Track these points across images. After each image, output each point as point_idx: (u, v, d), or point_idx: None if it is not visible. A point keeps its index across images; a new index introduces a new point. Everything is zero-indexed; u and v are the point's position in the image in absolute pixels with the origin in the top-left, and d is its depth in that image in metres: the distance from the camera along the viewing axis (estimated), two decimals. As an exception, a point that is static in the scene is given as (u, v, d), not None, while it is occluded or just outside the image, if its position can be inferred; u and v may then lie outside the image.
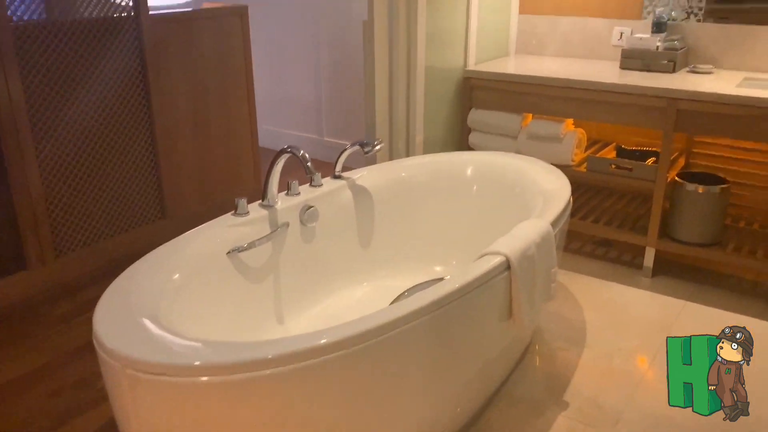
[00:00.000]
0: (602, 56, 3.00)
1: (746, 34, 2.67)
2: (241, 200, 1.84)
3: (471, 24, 2.89)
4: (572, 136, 2.71)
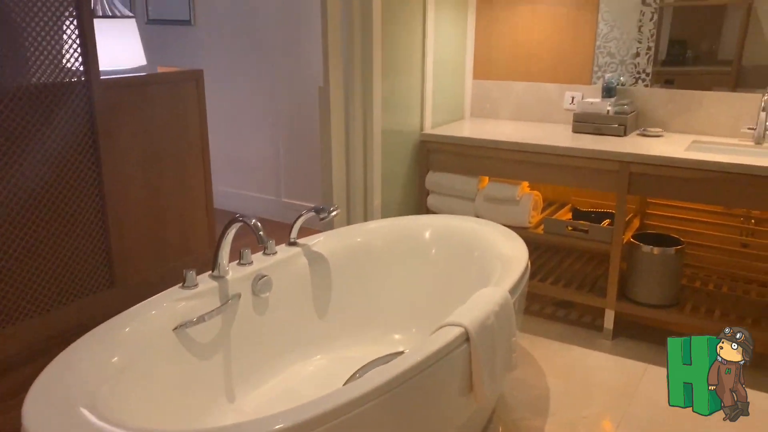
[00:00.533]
0: (555, 120, 3.07)
1: (691, 99, 2.77)
2: (189, 272, 1.77)
3: (426, 88, 2.93)
4: (528, 199, 2.72)
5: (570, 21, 2.97)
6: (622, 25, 2.87)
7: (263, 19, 3.90)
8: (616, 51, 2.91)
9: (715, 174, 2.29)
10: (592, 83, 2.98)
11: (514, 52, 3.13)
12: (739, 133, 2.66)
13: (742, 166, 2.24)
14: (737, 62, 2.74)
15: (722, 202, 2.36)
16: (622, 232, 2.53)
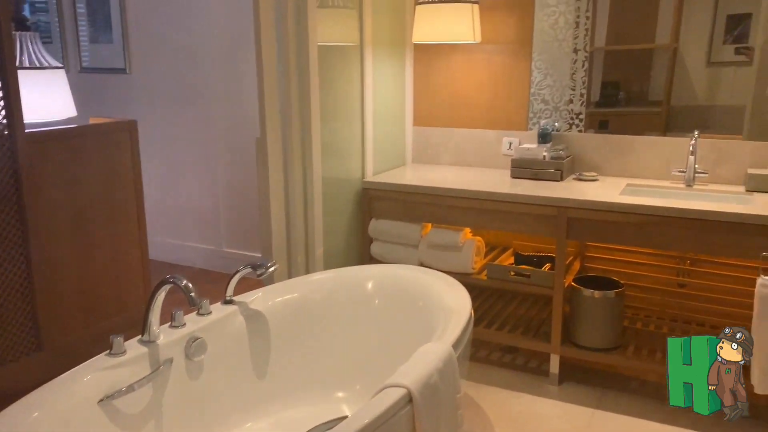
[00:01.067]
0: (494, 165, 3.10)
1: (624, 144, 2.85)
2: (116, 338, 1.67)
3: (367, 135, 2.93)
4: (471, 245, 2.72)
5: (505, 69, 3.03)
6: (554, 73, 2.95)
7: (201, 67, 3.86)
8: (550, 98, 2.98)
9: (650, 218, 2.34)
10: (529, 129, 3.03)
11: (453, 100, 3.17)
12: (671, 175, 2.74)
13: (675, 209, 2.30)
14: (666, 103, 2.84)
15: (657, 245, 2.41)
16: (563, 277, 2.55)
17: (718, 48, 2.71)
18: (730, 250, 2.28)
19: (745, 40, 2.66)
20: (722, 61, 2.72)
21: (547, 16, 2.91)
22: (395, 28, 3.08)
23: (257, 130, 2.55)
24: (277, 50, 2.47)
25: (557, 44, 2.92)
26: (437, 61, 3.17)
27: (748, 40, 2.66)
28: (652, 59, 2.86)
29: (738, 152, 2.66)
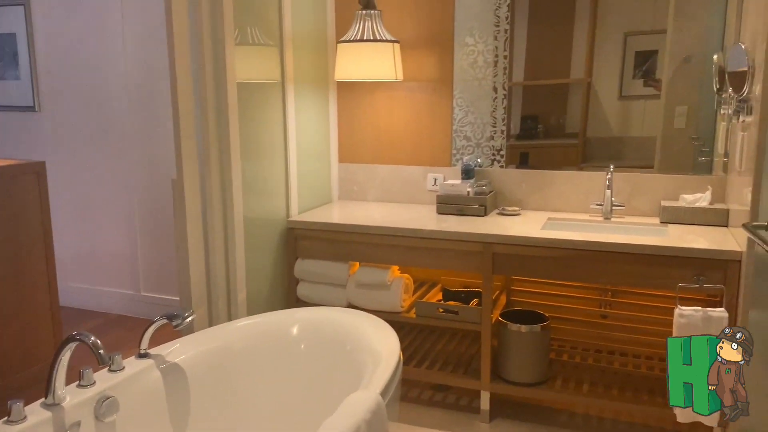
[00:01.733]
0: (420, 200, 3.11)
1: (544, 178, 2.91)
2: (15, 404, 1.52)
3: (291, 173, 2.87)
4: (399, 283, 2.69)
5: (428, 106, 3.06)
6: (475, 110, 3.00)
7: (116, 104, 3.71)
8: (472, 134, 3.03)
9: (570, 251, 2.38)
10: (453, 165, 3.06)
11: (378, 136, 3.17)
12: (589, 209, 2.82)
13: (594, 243, 2.36)
14: (582, 135, 2.94)
15: (579, 279, 2.46)
16: (491, 312, 2.55)
17: (629, 82, 2.83)
18: (648, 282, 2.34)
19: (652, 74, 2.80)
20: (633, 94, 2.84)
21: (467, 56, 2.97)
22: (317, 66, 3.06)
23: (171, 173, 2.45)
24: (193, 88, 2.39)
25: (477, 82, 2.98)
26: (361, 98, 3.17)
27: (655, 74, 2.80)
28: (567, 93, 2.96)
29: (651, 185, 2.76)
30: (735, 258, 2.18)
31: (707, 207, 2.59)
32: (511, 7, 2.88)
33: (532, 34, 2.94)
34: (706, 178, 2.70)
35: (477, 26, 2.94)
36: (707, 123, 2.74)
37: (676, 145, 2.82)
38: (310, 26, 2.97)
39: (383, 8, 2.92)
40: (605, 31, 2.84)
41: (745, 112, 2.22)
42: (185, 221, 2.39)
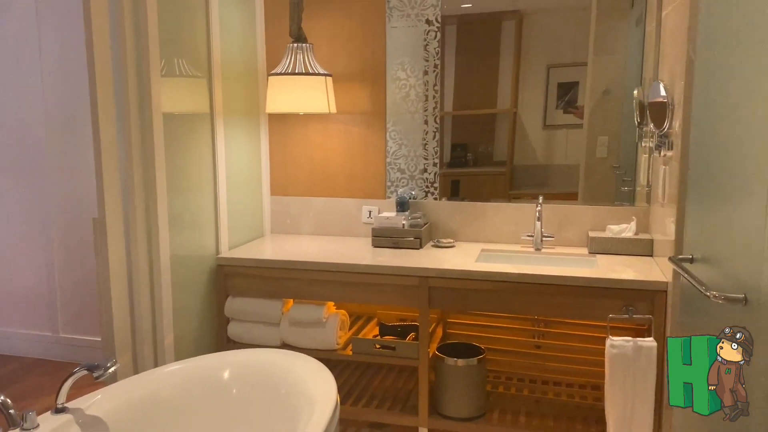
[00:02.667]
0: (356, 233, 3.08)
1: (476, 210, 2.94)
2: None
3: (220, 207, 2.78)
4: (335, 319, 2.64)
5: (362, 138, 3.05)
6: (408, 143, 3.01)
7: (34, 137, 3.52)
8: (406, 167, 3.03)
9: (504, 284, 2.40)
10: (387, 197, 3.05)
11: (311, 168, 3.13)
12: (521, 240, 2.86)
13: (527, 275, 2.38)
14: (510, 163, 3.00)
15: (512, 310, 2.47)
16: (428, 347, 2.53)
17: (552, 112, 2.92)
18: (580, 313, 2.38)
19: (574, 105, 2.89)
20: (556, 124, 2.93)
21: (399, 89, 2.99)
22: (248, 98, 3.00)
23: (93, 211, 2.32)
24: (116, 120, 2.28)
25: (410, 116, 2.99)
26: (293, 130, 3.13)
27: (576, 105, 2.90)
28: (495, 123, 3.02)
29: (579, 216, 2.84)
30: (661, 288, 2.25)
31: (633, 237, 2.67)
32: (441, 41, 2.92)
33: (460, 66, 3.00)
34: (630, 209, 2.79)
35: (408, 61, 2.96)
36: (628, 153, 2.85)
37: (598, 174, 2.92)
38: (239, 58, 2.91)
39: (314, 41, 2.90)
40: (529, 63, 2.92)
41: (666, 147, 2.31)
42: (107, 260, 2.26)
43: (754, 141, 1.44)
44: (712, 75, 1.81)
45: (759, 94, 1.45)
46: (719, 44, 1.76)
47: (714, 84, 1.79)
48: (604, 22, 2.83)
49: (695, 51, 1.97)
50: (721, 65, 1.74)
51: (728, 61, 1.69)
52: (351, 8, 2.98)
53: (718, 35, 1.77)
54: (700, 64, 1.93)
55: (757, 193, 1.40)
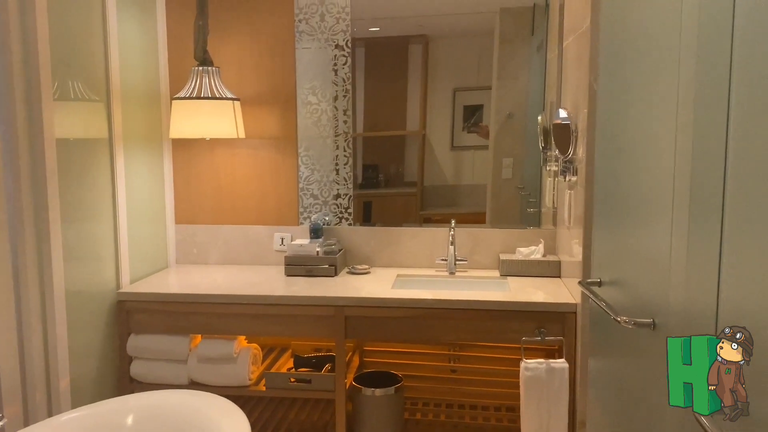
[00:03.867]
0: (267, 261, 2.98)
1: (390, 235, 2.93)
2: None
3: (121, 238, 2.61)
4: (247, 354, 2.52)
5: (272, 164, 2.97)
6: (321, 168, 2.97)
7: None
8: (319, 192, 2.98)
9: (419, 310, 2.38)
10: (300, 224, 2.98)
11: (218, 195, 3.01)
12: (435, 264, 2.87)
13: (443, 301, 2.38)
14: (420, 183, 3.02)
15: (429, 337, 2.46)
16: (344, 378, 2.47)
17: (459, 134, 2.98)
18: (494, 336, 2.41)
19: (479, 125, 2.97)
20: (463, 145, 2.99)
21: (310, 114, 2.94)
22: (150, 122, 2.85)
23: (-22, 243, 2.11)
24: (3, 146, 2.10)
25: (321, 140, 2.95)
26: (199, 156, 3.00)
27: (481, 125, 2.98)
28: (405, 144, 3.04)
29: (490, 239, 2.88)
30: (571, 310, 2.31)
31: (541, 259, 2.74)
32: (351, 65, 2.91)
33: (370, 88, 3.01)
34: (538, 231, 2.87)
35: (319, 85, 2.93)
36: (532, 175, 2.94)
37: (504, 194, 3.00)
38: (141, 81, 2.77)
39: (222, 65, 2.81)
40: (436, 86, 2.97)
41: (571, 172, 2.39)
42: (-9, 302, 2.06)
43: (657, 167, 1.50)
44: (614, 103, 1.89)
45: (656, 123, 1.51)
46: (618, 75, 1.84)
47: (615, 112, 1.87)
48: (506, 48, 2.92)
49: (597, 80, 2.06)
50: (621, 94, 1.81)
51: (627, 91, 1.77)
52: (259, 31, 2.91)
53: (617, 66, 1.86)
54: (602, 92, 2.01)
55: (661, 218, 1.45)
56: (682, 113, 1.34)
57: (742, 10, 1.10)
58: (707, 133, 1.22)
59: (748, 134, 1.08)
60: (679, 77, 1.35)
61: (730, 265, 1.14)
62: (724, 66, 1.14)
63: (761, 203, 1.03)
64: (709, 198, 1.21)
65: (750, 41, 1.07)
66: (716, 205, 1.17)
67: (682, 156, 1.34)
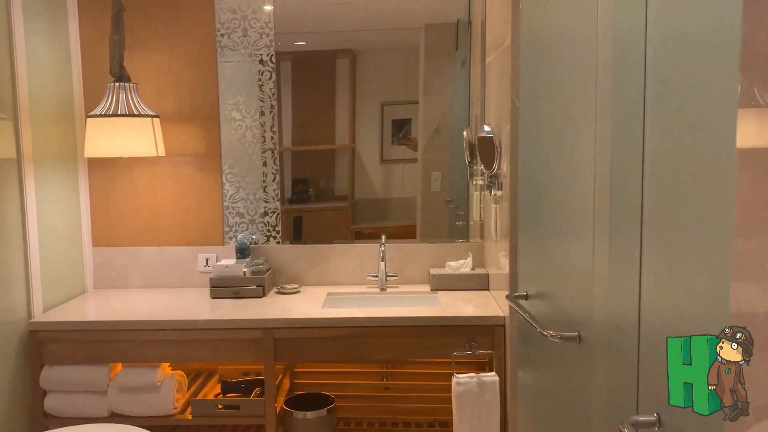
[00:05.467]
0: (191, 284, 2.87)
1: (320, 253, 2.89)
2: None
3: (32, 263, 2.45)
4: (170, 382, 2.42)
5: (195, 182, 2.88)
6: (247, 186, 2.90)
7: None
8: (245, 210, 2.91)
9: (352, 329, 2.35)
10: (226, 243, 2.90)
11: (138, 216, 2.89)
12: (366, 280, 2.84)
13: (374, 318, 2.36)
14: (351, 197, 3.01)
15: (361, 356, 2.44)
16: (274, 402, 2.40)
17: (389, 147, 2.99)
18: (426, 352, 2.40)
19: (408, 137, 2.99)
20: (393, 158, 3.00)
21: (234, 130, 2.87)
22: (64, 141, 2.71)
23: None
24: None
25: (247, 157, 2.88)
26: (117, 175, 2.87)
27: (410, 137, 3.00)
28: (335, 158, 3.02)
29: (420, 254, 2.89)
30: (500, 323, 2.33)
31: (470, 273, 2.77)
32: (276, 81, 2.86)
33: (298, 102, 2.99)
34: (466, 244, 2.89)
35: (243, 101, 2.86)
36: (459, 188, 2.98)
37: (434, 207, 3.04)
38: (53, 98, 2.63)
39: (140, 80, 2.70)
40: (364, 100, 2.98)
41: (496, 187, 2.43)
42: None
43: (578, 182, 1.54)
44: (535, 119, 1.93)
45: (576, 138, 1.55)
46: (539, 91, 1.88)
47: (537, 128, 1.91)
48: (432, 63, 2.96)
49: (519, 97, 2.10)
50: (542, 110, 1.85)
51: (547, 107, 1.81)
52: (180, 46, 2.83)
53: (537, 82, 1.90)
54: (523, 108, 2.06)
55: (583, 231, 1.49)
56: (600, 128, 1.38)
57: (654, 29, 1.14)
58: (624, 146, 1.26)
59: (663, 148, 1.11)
60: (597, 93, 1.39)
61: (650, 277, 1.17)
62: (638, 81, 1.18)
63: (677, 215, 1.06)
64: (628, 210, 1.24)
65: (661, 57, 1.11)
66: (635, 217, 1.20)
67: (602, 170, 1.37)
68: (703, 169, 0.99)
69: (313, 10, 2.88)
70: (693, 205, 1.02)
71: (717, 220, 0.95)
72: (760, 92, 0.86)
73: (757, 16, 0.86)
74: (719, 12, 0.93)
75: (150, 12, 2.80)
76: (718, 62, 0.93)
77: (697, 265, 1.00)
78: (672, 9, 1.08)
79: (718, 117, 0.93)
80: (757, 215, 0.89)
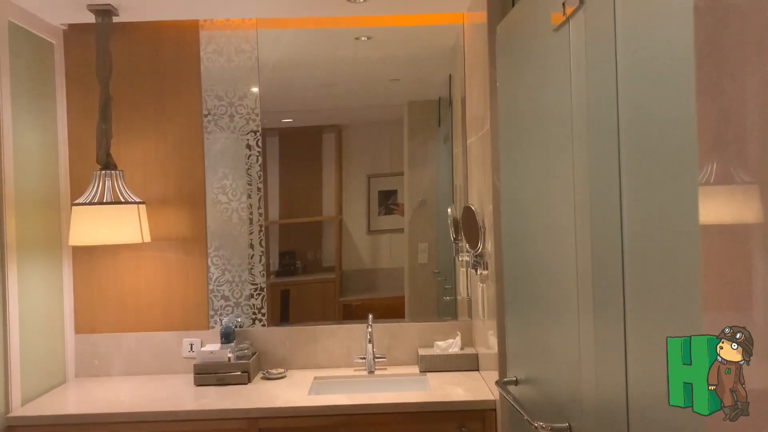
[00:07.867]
0: (175, 370, 2.81)
1: (307, 335, 2.85)
2: None
3: (12, 355, 2.39)
4: (152, 477, 2.32)
5: (180, 266, 2.86)
6: (233, 268, 2.88)
7: None
8: (230, 293, 2.88)
9: (339, 417, 2.29)
10: (210, 327, 2.85)
11: (122, 301, 2.85)
12: (354, 363, 2.79)
13: (361, 405, 2.30)
14: (339, 268, 3.00)
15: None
16: (260, 496, 2.31)
17: (375, 218, 3.00)
18: (416, 440, 2.33)
19: (395, 203, 3.01)
20: (380, 229, 3.01)
21: (220, 213, 2.88)
22: (49, 229, 2.70)
23: None
24: None
25: (233, 240, 2.88)
26: (102, 262, 2.85)
27: (397, 203, 3.02)
28: (322, 230, 3.03)
29: (407, 334, 2.85)
30: (491, 407, 2.29)
31: (459, 353, 2.73)
32: (263, 155, 2.89)
33: (285, 176, 3.03)
34: (455, 323, 2.87)
35: (229, 184, 2.89)
36: (447, 260, 2.98)
37: (421, 278, 3.04)
38: (38, 186, 2.64)
39: (126, 167, 2.73)
40: (350, 173, 3.03)
41: (482, 267, 2.43)
42: None
43: (560, 263, 1.54)
44: (516, 201, 1.95)
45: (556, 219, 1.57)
46: (519, 172, 1.91)
47: (518, 209, 1.93)
48: (415, 138, 3.02)
49: (500, 179, 2.13)
50: (521, 192, 1.88)
51: (526, 189, 1.84)
52: (166, 131, 2.87)
53: (516, 163, 1.93)
54: (504, 190, 2.08)
55: (568, 314, 1.48)
56: (579, 209, 1.39)
57: (624, 107, 1.17)
58: (603, 226, 1.28)
59: (641, 227, 1.13)
60: (573, 173, 1.42)
61: (635, 358, 1.16)
62: (612, 162, 1.21)
63: (657, 293, 1.07)
64: (610, 290, 1.24)
65: (633, 135, 1.15)
66: (617, 297, 1.21)
67: (583, 251, 1.38)
68: (671, 245, 1.02)
69: (300, 92, 2.96)
70: (666, 281, 1.04)
71: (687, 294, 0.98)
72: (717, 165, 0.90)
73: (711, 92, 0.90)
74: (675, 91, 0.99)
75: (137, 99, 2.86)
76: (679, 140, 0.98)
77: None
78: (637, 87, 1.13)
79: (683, 194, 0.97)
80: (724, 290, 0.92)
